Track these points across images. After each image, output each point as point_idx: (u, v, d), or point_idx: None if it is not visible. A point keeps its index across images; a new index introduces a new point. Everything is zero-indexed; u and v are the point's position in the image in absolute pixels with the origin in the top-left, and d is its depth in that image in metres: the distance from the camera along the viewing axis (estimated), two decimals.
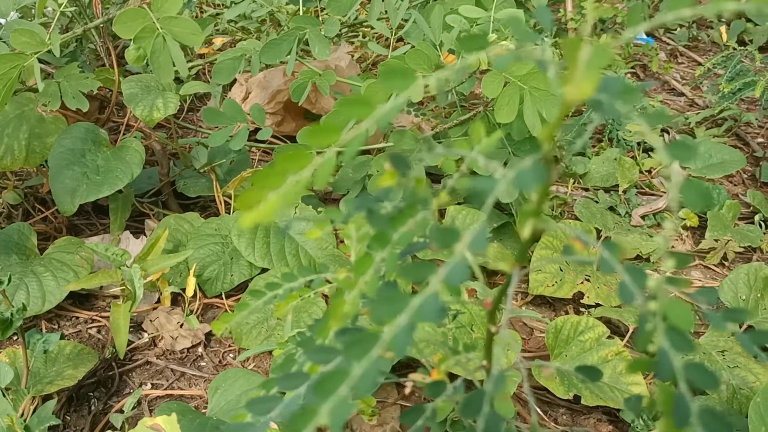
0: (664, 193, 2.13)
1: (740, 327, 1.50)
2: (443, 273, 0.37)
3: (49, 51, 1.46)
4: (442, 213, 1.83)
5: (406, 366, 1.44)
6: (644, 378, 1.39)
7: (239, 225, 0.39)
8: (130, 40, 1.40)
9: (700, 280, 1.79)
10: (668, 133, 2.42)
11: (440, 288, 0.37)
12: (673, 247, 1.93)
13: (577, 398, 1.36)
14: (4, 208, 1.83)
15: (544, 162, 0.41)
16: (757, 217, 2.02)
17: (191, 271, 1.56)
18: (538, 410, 1.40)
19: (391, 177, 0.50)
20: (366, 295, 0.52)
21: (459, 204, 1.77)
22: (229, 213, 1.80)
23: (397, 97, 0.39)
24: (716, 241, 1.88)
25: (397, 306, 0.37)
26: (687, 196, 0.37)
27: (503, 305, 1.50)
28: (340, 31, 2.64)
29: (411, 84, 0.39)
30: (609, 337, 1.43)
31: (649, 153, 2.31)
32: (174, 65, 1.41)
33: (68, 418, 1.36)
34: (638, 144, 2.29)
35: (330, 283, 0.74)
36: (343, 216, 0.52)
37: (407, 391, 0.65)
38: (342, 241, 1.72)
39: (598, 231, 1.87)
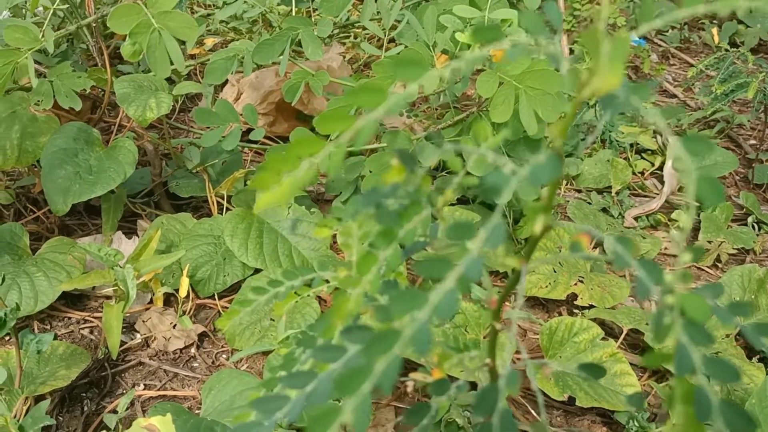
0: (657, 194, 2.13)
1: (734, 328, 1.50)
2: (460, 269, 0.37)
3: (41, 50, 1.45)
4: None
5: None
6: (638, 380, 1.40)
7: (256, 206, 0.39)
8: (124, 38, 1.40)
9: (693, 282, 1.79)
10: (660, 135, 2.42)
11: (455, 285, 0.37)
12: (666, 248, 1.93)
13: (571, 400, 1.36)
14: None
15: (558, 157, 0.41)
16: (750, 219, 2.03)
17: (184, 272, 1.55)
18: (532, 411, 1.40)
19: (399, 172, 0.49)
20: (368, 294, 0.51)
21: (452, 205, 1.77)
22: (221, 213, 1.79)
23: (408, 86, 0.38)
24: (709, 242, 1.89)
25: (416, 302, 0.36)
26: (701, 191, 0.37)
27: (511, 303, 1.49)
28: (332, 31, 2.64)
29: (423, 73, 0.38)
30: (603, 339, 1.43)
31: (642, 154, 2.31)
32: (170, 60, 1.41)
33: (61, 418, 1.35)
34: (631, 145, 2.29)
35: (328, 282, 0.73)
36: (351, 213, 0.52)
37: (409, 389, 0.65)
38: (335, 242, 1.71)
39: None
